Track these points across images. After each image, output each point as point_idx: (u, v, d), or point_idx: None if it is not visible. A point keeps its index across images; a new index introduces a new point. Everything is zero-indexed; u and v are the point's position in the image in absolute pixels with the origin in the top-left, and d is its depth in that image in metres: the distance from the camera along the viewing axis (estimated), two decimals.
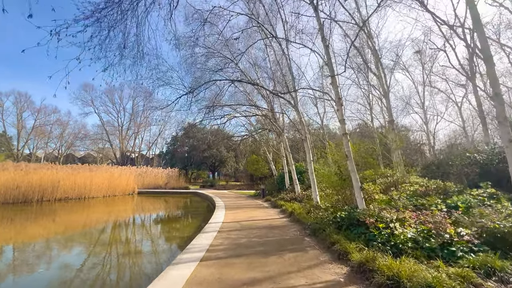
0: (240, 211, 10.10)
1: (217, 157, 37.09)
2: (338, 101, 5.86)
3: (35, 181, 16.40)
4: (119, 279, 5.01)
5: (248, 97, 15.17)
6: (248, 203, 13.23)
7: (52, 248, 7.36)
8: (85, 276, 5.08)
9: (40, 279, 5.03)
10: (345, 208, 6.27)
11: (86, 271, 5.35)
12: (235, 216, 8.98)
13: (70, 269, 5.52)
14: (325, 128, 19.53)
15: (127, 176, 23.27)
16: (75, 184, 18.40)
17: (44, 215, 13.03)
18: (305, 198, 11.01)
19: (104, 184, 20.50)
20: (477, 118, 18.41)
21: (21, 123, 43.50)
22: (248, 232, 6.26)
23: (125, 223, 11.50)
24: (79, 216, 12.81)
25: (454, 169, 8.43)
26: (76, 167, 19.35)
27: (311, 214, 7.53)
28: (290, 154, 12.80)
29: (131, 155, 45.15)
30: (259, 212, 9.82)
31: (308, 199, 10.70)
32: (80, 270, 5.40)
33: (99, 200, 19.00)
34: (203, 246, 4.94)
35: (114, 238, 8.53)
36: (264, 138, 19.48)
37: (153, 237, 8.88)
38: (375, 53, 10.17)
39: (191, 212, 14.81)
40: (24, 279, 5.06)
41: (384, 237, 4.41)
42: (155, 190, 25.17)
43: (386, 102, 9.64)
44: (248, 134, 16.38)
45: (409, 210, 5.74)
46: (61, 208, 15.10)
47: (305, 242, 5.29)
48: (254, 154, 29.20)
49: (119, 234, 9.29)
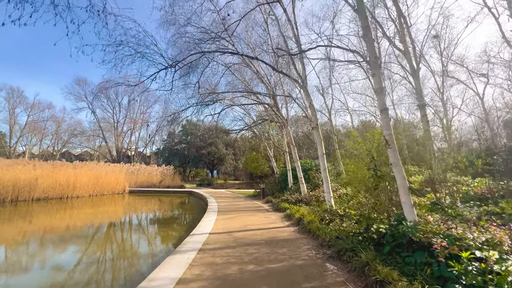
0: (235, 216, 8.17)
1: (215, 154, 35.18)
2: (374, 62, 3.93)
3: (9, 179, 14.49)
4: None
5: (248, 87, 13.24)
6: (246, 205, 11.31)
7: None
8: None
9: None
10: (381, 219, 4.34)
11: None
12: (228, 223, 7.05)
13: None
14: (333, 121, 17.52)
15: (117, 174, 21.35)
16: (56, 183, 16.48)
17: (5, 218, 11.13)
18: (313, 200, 9.08)
19: (90, 183, 18.58)
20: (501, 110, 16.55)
21: (14, 119, 41.62)
22: (242, 252, 4.33)
23: (87, 230, 9.59)
24: (43, 220, 10.90)
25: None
26: (57, 164, 17.43)
27: (327, 223, 5.60)
28: (295, 147, 10.86)
29: (128, 153, 43.24)
30: (259, 218, 7.89)
31: (318, 202, 8.77)
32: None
33: (83, 200, 17.08)
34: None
35: (60, 249, 6.60)
36: (264, 133, 17.53)
37: (113, 256, 6.30)
38: (400, 18, 8.13)
39: (180, 215, 12.90)
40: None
41: (476, 278, 2.48)
42: (148, 189, 23.26)
43: (415, 83, 7.66)
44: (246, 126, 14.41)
45: (476, 223, 3.81)
46: (32, 210, 13.20)
47: (328, 275, 3.35)
48: (254, 151, 27.27)
49: (68, 245, 7.37)
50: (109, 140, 41.81)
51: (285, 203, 9.48)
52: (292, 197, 10.05)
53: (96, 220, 11.07)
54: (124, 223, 10.79)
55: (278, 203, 9.72)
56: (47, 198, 16.02)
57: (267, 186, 14.95)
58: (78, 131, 42.07)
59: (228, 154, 36.15)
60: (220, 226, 6.67)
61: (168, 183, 25.86)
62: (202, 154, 35.34)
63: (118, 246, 7.14)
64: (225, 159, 35.89)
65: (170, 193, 22.52)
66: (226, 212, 9.11)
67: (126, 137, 42.40)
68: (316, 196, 9.39)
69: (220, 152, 34.93)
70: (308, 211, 7.19)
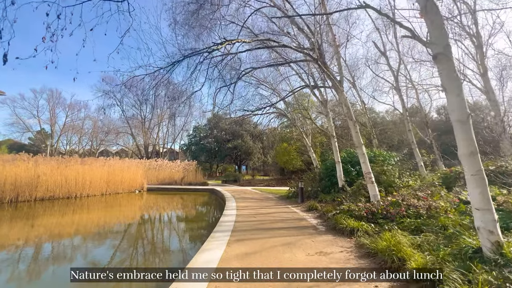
0: (261, 246, 4.27)
1: (242, 148, 31.73)
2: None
3: (7, 176, 12.48)
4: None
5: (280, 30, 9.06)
6: (279, 215, 7.36)
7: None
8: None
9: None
10: None
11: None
12: (246, 271, 3.15)
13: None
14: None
15: (134, 171, 18.92)
16: (64, 180, 14.30)
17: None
18: (404, 216, 4.78)
19: (102, 180, 16.27)
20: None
21: (54, 119, 42.97)
22: None
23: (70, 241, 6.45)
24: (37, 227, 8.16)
25: None
26: (63, 160, 15.30)
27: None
28: (356, 124, 6.51)
29: (156, 148, 42.07)
30: (307, 252, 3.88)
31: (419, 218, 4.47)
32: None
33: (93, 200, 14.74)
34: None
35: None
36: (299, 116, 13.28)
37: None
38: None
39: (189, 225, 9.46)
40: None
41: None
42: (167, 187, 20.62)
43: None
44: (280, 99, 10.30)
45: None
46: (29, 212, 10.86)
47: None
48: (284, 142, 23.11)
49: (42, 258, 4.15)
50: (139, 137, 41.05)
51: (346, 217, 5.30)
52: (356, 207, 5.81)
53: (90, 227, 8.01)
54: (124, 237, 7.54)
55: (336, 218, 5.53)
56: (52, 197, 13.87)
57: (306, 184, 10.80)
58: (109, 129, 41.93)
59: (256, 147, 32.47)
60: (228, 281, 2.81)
61: (190, 179, 23.05)
62: (228, 148, 32.17)
63: None
64: (252, 153, 32.31)
65: (192, 191, 19.58)
66: (245, 231, 5.26)
67: (154, 133, 41.22)
68: (409, 207, 5.05)
69: (247, 145, 31.40)
70: (446, 252, 3.01)
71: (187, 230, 8.63)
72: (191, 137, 37.71)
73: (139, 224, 9.36)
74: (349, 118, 6.61)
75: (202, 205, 14.43)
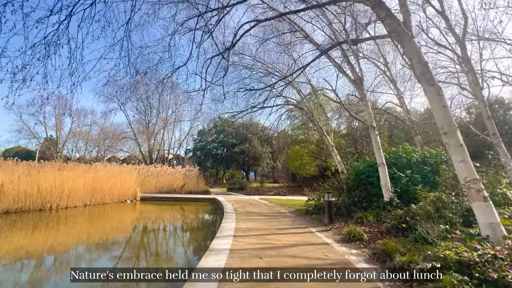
0: None
1: (249, 152, 28.80)
2: None
3: None
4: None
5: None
6: (301, 253, 4.32)
7: None
8: None
9: None
10: None
11: None
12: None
13: None
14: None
15: (125, 177, 16.37)
16: (35, 189, 11.84)
17: None
18: None
19: (85, 189, 13.75)
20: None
21: (59, 126, 41.73)
22: None
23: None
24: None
25: None
26: (36, 165, 12.91)
27: None
28: (441, 92, 3.54)
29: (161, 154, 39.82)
30: None
31: None
32: None
33: (72, 212, 12.18)
34: None
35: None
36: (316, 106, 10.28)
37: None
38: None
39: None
40: None
41: None
42: (164, 196, 17.92)
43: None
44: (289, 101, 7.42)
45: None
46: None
47: None
48: (296, 145, 20.07)
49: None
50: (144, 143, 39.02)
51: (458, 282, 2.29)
52: (457, 249, 2.76)
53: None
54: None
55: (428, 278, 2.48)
56: (20, 210, 11.39)
57: (333, 195, 7.71)
58: (113, 134, 40.24)
59: (265, 152, 29.49)
60: None
61: (191, 187, 20.26)
62: (235, 152, 29.36)
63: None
64: (261, 158, 29.33)
65: (191, 201, 16.79)
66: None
67: (158, 138, 39.08)
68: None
69: (254, 149, 28.47)
70: None
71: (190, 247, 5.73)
72: (196, 142, 35.20)
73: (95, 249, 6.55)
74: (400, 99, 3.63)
75: (190, 225, 11.56)
